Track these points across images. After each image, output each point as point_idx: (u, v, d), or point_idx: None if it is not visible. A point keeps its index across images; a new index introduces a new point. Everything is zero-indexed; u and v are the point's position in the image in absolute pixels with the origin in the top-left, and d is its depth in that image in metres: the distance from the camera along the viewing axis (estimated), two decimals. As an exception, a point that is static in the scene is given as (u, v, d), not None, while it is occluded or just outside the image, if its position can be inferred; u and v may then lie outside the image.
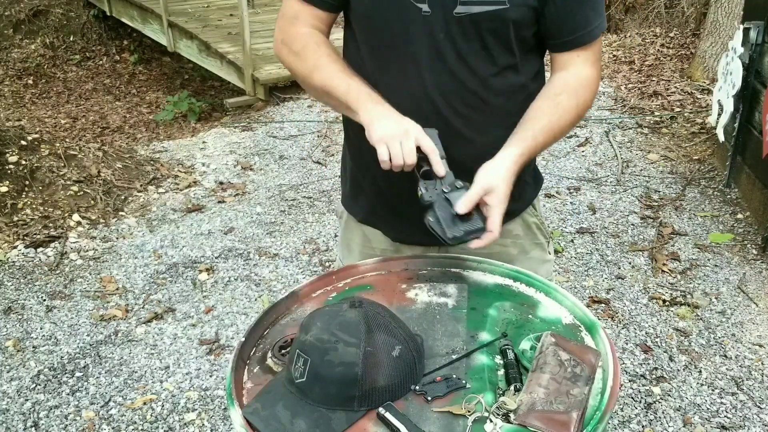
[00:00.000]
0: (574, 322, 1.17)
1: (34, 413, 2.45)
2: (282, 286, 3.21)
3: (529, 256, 1.49)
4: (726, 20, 5.33)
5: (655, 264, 3.28)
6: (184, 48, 7.24)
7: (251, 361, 1.12)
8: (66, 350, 2.78)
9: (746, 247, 3.39)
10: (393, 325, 1.02)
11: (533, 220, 1.51)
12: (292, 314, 1.23)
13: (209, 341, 2.82)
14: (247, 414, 0.96)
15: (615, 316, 2.92)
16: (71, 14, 9.06)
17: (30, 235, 3.54)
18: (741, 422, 2.36)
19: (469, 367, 1.06)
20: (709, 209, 3.77)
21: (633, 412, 2.42)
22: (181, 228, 3.75)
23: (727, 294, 3.04)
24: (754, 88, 3.65)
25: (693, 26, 6.52)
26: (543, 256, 1.53)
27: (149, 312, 3.01)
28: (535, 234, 1.52)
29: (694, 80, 5.57)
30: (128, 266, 3.38)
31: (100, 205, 3.89)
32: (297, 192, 4.18)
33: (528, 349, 1.08)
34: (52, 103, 7.75)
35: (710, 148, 4.42)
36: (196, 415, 2.45)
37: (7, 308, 3.05)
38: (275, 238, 3.64)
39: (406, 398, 1.00)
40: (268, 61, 6.34)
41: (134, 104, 7.66)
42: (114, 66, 8.69)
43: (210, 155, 4.78)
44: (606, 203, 3.89)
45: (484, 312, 1.20)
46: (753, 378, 2.55)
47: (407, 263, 1.37)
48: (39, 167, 3.92)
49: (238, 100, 6.10)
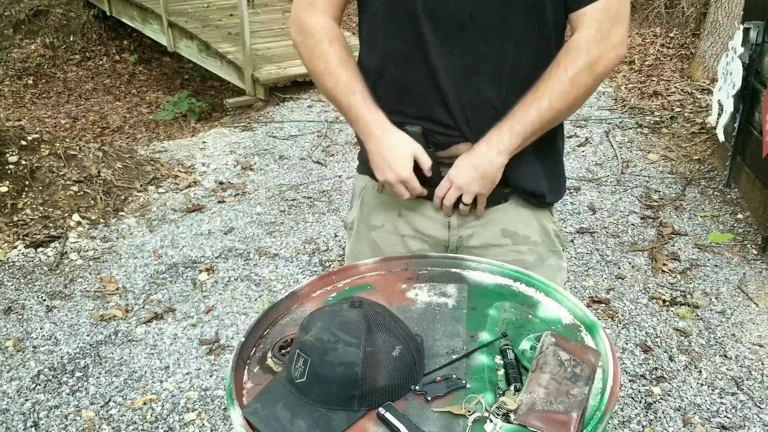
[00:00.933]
0: (574, 322, 1.17)
1: (34, 413, 2.45)
2: (282, 286, 3.21)
3: (546, 264, 1.46)
4: (726, 20, 5.33)
5: (655, 264, 3.28)
6: (184, 48, 7.24)
7: (251, 361, 1.12)
8: (66, 350, 2.78)
9: (746, 247, 3.39)
10: (393, 325, 1.02)
11: (552, 227, 1.48)
12: (292, 314, 1.23)
13: (209, 341, 2.82)
14: (247, 414, 0.96)
15: (615, 316, 2.92)
16: (71, 14, 9.06)
17: (30, 235, 3.54)
18: (741, 422, 2.36)
19: (469, 367, 1.06)
20: (709, 209, 3.77)
21: (633, 412, 2.42)
22: (181, 228, 3.75)
23: (727, 294, 3.04)
24: (754, 88, 3.65)
25: (693, 26, 6.52)
26: (559, 264, 1.49)
27: (149, 312, 3.01)
28: (554, 241, 1.48)
29: (694, 80, 5.57)
30: (128, 266, 3.38)
31: (100, 205, 3.89)
32: (297, 192, 4.18)
33: (528, 349, 1.08)
34: (52, 103, 7.74)
35: (710, 148, 4.42)
36: (196, 415, 2.45)
37: (7, 308, 3.05)
38: (275, 238, 3.64)
39: (406, 398, 1.00)
40: (268, 61, 6.34)
41: (134, 104, 7.66)
42: (114, 66, 8.68)
43: (210, 155, 4.78)
44: (606, 203, 3.89)
45: (484, 312, 1.20)
46: (753, 378, 2.55)
47: (407, 263, 1.37)
48: (39, 167, 3.92)
49: (238, 100, 6.10)
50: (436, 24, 1.26)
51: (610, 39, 1.26)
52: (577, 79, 1.26)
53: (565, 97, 1.27)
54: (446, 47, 1.28)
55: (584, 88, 1.28)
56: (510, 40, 1.27)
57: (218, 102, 6.96)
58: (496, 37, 1.27)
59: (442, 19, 1.26)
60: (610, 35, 1.26)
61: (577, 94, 1.28)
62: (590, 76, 1.27)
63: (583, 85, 1.27)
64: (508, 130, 1.28)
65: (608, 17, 1.26)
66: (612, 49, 1.27)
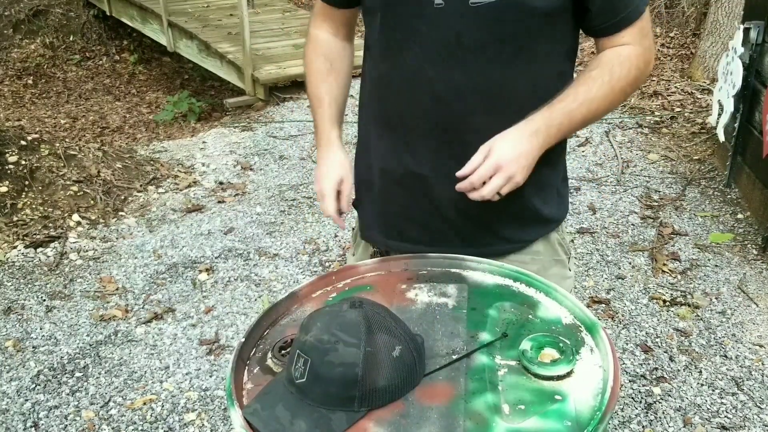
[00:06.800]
0: (574, 322, 1.17)
1: (33, 413, 2.45)
2: (282, 286, 3.21)
3: (549, 273, 1.43)
4: (726, 20, 5.33)
5: (656, 264, 3.28)
6: (184, 48, 7.24)
7: (251, 361, 1.11)
8: (66, 350, 2.78)
9: (746, 247, 3.39)
10: (393, 325, 1.02)
11: (555, 236, 1.45)
12: (292, 315, 1.23)
13: (209, 341, 2.82)
14: (247, 414, 0.96)
15: (615, 316, 2.92)
16: (71, 14, 9.06)
17: (30, 235, 3.54)
18: (741, 422, 2.36)
19: (469, 367, 1.06)
20: (710, 209, 3.77)
21: (633, 412, 2.42)
22: (181, 228, 3.75)
23: (728, 294, 3.04)
24: (754, 88, 3.65)
25: (693, 26, 6.52)
26: (563, 273, 1.47)
27: (149, 312, 3.01)
28: (557, 250, 1.46)
29: (694, 80, 5.57)
30: (128, 266, 3.38)
31: (100, 205, 3.89)
32: (297, 192, 4.18)
33: (528, 349, 1.08)
34: (51, 103, 7.74)
35: (710, 148, 4.42)
36: (196, 416, 2.45)
37: (7, 308, 3.04)
38: (275, 238, 3.64)
39: (405, 398, 1.00)
40: (268, 61, 6.34)
41: (134, 104, 7.66)
42: (114, 66, 8.68)
43: (210, 155, 4.78)
44: (606, 203, 3.89)
45: (484, 312, 1.20)
46: (753, 378, 2.55)
47: (407, 263, 1.36)
48: (39, 167, 3.92)
49: (238, 100, 6.10)
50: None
51: (648, 55, 1.30)
52: (622, 89, 1.28)
53: (608, 104, 1.29)
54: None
55: (623, 98, 1.31)
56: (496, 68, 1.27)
57: (218, 102, 6.96)
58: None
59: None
60: (650, 52, 1.30)
61: (616, 102, 1.29)
62: (633, 88, 1.30)
63: (624, 95, 1.30)
64: (551, 117, 1.24)
65: (644, 36, 1.29)
66: (650, 63, 1.31)
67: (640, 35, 1.27)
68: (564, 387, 1.01)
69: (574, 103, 1.24)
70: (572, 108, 1.24)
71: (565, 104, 1.24)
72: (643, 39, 1.28)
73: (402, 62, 1.28)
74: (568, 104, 1.24)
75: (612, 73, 1.25)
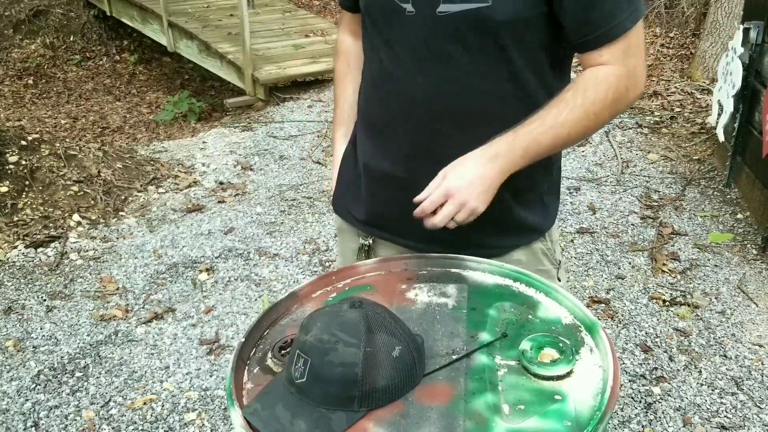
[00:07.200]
0: (574, 322, 1.17)
1: (34, 413, 2.46)
2: (282, 286, 3.21)
3: None
4: (726, 20, 5.33)
5: (655, 264, 3.28)
6: (184, 48, 7.24)
7: (251, 361, 1.12)
8: (66, 350, 2.78)
9: (746, 247, 3.39)
10: (393, 325, 1.02)
11: (539, 246, 1.42)
12: (292, 315, 1.23)
13: (209, 341, 2.82)
14: (247, 414, 0.96)
15: (615, 316, 2.92)
16: (71, 14, 9.05)
17: (30, 235, 3.54)
18: (741, 422, 2.36)
19: (469, 367, 1.06)
20: (709, 209, 3.77)
21: (633, 412, 2.42)
22: (181, 228, 3.75)
23: (727, 294, 3.04)
24: (754, 88, 3.65)
25: (693, 26, 6.52)
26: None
27: (149, 312, 3.01)
28: (540, 260, 1.42)
29: (694, 80, 5.57)
30: (128, 266, 3.38)
31: (100, 205, 3.89)
32: (297, 192, 4.18)
33: (528, 349, 1.08)
34: (52, 103, 7.74)
35: (710, 148, 4.42)
36: (196, 415, 2.45)
37: (7, 308, 3.05)
38: (275, 238, 3.64)
39: (405, 398, 1.00)
40: (268, 61, 6.34)
41: (134, 104, 7.66)
42: (114, 66, 8.68)
43: (210, 155, 4.78)
44: (606, 203, 3.89)
45: (484, 312, 1.20)
46: (753, 378, 2.56)
47: (407, 263, 1.37)
48: (39, 167, 3.92)
49: (238, 100, 6.10)
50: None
51: (633, 77, 1.21)
52: (597, 114, 1.21)
53: (582, 129, 1.22)
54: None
55: (601, 123, 1.24)
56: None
57: (218, 102, 6.96)
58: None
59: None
60: (636, 74, 1.21)
61: (592, 126, 1.23)
62: (611, 112, 1.23)
63: (602, 120, 1.23)
64: (514, 142, 1.21)
65: (630, 55, 1.20)
66: (635, 87, 1.22)
67: (624, 54, 1.18)
68: (564, 387, 1.02)
69: (541, 127, 1.20)
70: (539, 132, 1.20)
71: (531, 128, 1.20)
72: (627, 59, 1.19)
73: (379, 66, 1.32)
74: (534, 128, 1.20)
75: (586, 96, 1.19)
